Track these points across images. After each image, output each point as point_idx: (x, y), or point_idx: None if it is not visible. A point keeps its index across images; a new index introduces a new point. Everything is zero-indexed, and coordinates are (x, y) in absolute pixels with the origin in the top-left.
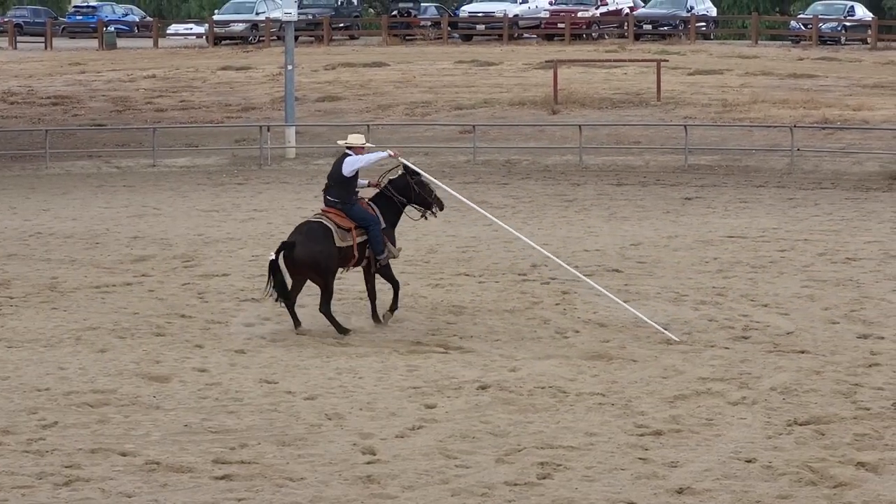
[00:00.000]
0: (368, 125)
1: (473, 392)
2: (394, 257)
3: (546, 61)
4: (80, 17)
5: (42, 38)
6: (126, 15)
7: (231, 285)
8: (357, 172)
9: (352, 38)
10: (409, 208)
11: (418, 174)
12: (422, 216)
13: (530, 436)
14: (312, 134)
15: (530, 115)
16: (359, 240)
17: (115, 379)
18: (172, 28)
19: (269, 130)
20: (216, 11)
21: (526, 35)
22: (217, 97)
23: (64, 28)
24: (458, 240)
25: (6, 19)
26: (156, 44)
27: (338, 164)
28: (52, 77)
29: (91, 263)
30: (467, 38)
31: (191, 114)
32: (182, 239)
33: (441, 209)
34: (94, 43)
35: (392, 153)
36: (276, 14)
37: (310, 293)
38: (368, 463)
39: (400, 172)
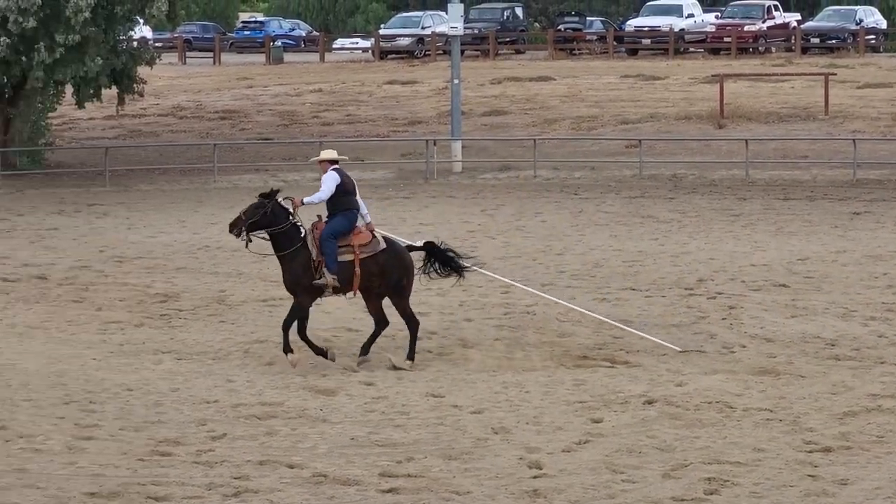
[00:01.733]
0: (535, 139)
1: (640, 406)
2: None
3: (712, 75)
4: (248, 33)
5: (210, 54)
6: (293, 30)
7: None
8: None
9: (518, 52)
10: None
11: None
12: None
13: (697, 451)
14: (478, 148)
15: (696, 129)
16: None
17: (282, 392)
18: (339, 42)
19: (435, 144)
20: (382, 26)
21: (692, 49)
22: (383, 111)
23: (232, 43)
24: (625, 254)
25: (176, 35)
26: (322, 58)
27: (351, 178)
28: (220, 92)
29: (258, 277)
30: (633, 53)
31: (357, 128)
32: None
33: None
34: (262, 58)
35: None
36: (441, 28)
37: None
38: (535, 477)
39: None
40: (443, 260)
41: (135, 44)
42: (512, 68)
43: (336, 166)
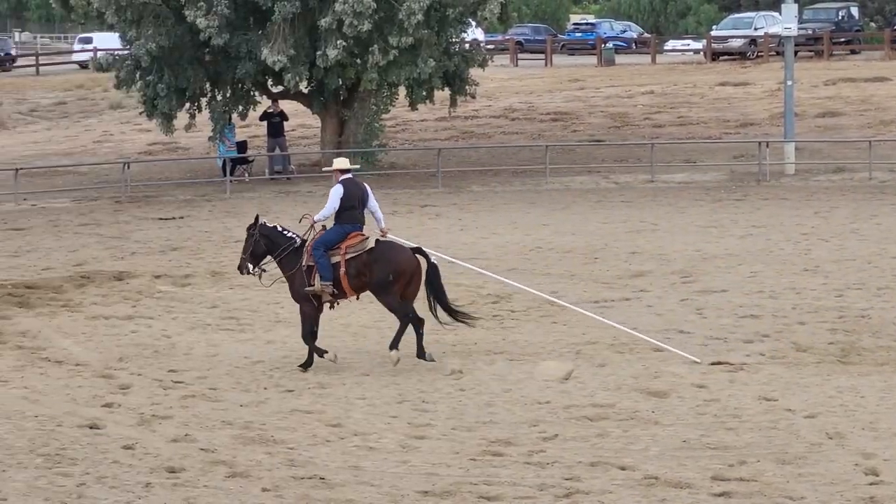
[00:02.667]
0: (870, 141)
1: None
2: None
3: None
4: (580, 35)
5: (542, 55)
6: (624, 31)
7: (729, 301)
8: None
9: (852, 52)
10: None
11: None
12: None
13: None
14: (811, 150)
15: None
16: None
17: (614, 393)
18: (669, 44)
19: (767, 146)
20: (714, 27)
21: None
22: (715, 113)
23: (563, 45)
24: None
25: (507, 37)
26: (653, 60)
27: (359, 188)
28: (551, 93)
29: (590, 278)
30: None
31: (688, 129)
32: (680, 255)
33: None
34: (593, 59)
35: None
36: (774, 29)
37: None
38: (871, 484)
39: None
40: (437, 297)
41: (467, 46)
42: (846, 69)
43: (346, 176)
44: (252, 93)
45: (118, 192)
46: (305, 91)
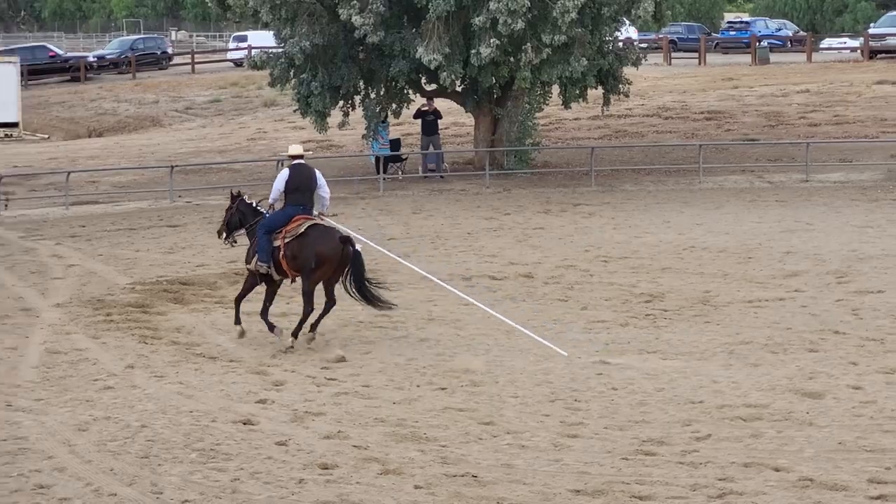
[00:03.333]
0: None
1: None
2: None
3: None
4: (734, 33)
5: (695, 54)
6: (779, 30)
7: (886, 302)
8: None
9: None
10: None
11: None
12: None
13: None
14: None
15: None
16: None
17: (767, 394)
18: (825, 42)
19: None
20: (872, 25)
21: None
22: (872, 111)
23: (717, 44)
24: None
25: (661, 35)
26: (809, 58)
27: (305, 174)
28: (705, 92)
29: (743, 278)
30: None
31: (844, 128)
32: (835, 255)
33: None
34: (747, 58)
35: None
36: None
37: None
38: None
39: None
40: (357, 280)
41: (620, 44)
42: None
43: (296, 161)
44: (405, 91)
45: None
46: (459, 89)
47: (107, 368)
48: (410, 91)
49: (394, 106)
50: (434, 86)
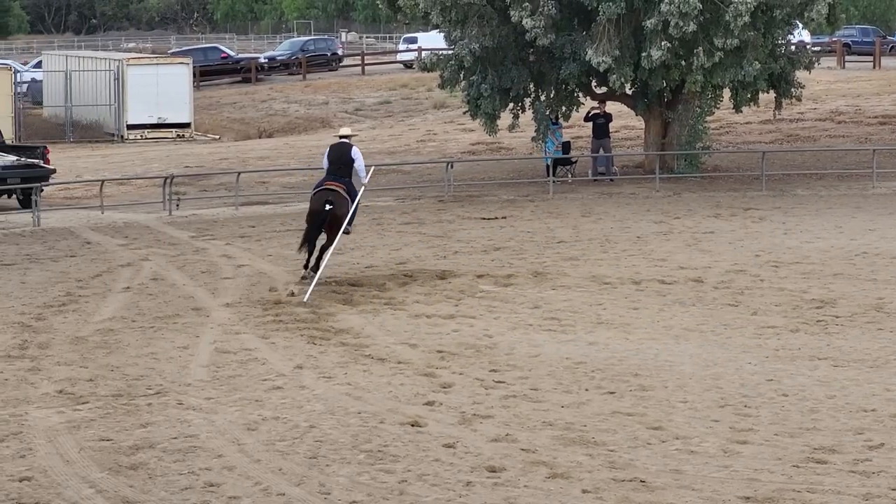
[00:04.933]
0: None
1: None
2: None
3: None
4: None
5: (870, 58)
6: None
7: None
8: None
9: None
10: None
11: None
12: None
13: None
14: None
15: None
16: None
17: None
18: None
19: None
20: None
21: None
22: None
23: (892, 47)
24: None
25: (834, 39)
26: None
27: (342, 150)
28: (879, 96)
29: None
30: None
31: None
32: None
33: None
34: None
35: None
36: None
37: None
38: None
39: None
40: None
41: (793, 48)
42: None
43: (339, 141)
44: (575, 93)
45: (441, 191)
46: (629, 92)
47: (276, 368)
48: (580, 94)
49: (563, 108)
50: (604, 88)
